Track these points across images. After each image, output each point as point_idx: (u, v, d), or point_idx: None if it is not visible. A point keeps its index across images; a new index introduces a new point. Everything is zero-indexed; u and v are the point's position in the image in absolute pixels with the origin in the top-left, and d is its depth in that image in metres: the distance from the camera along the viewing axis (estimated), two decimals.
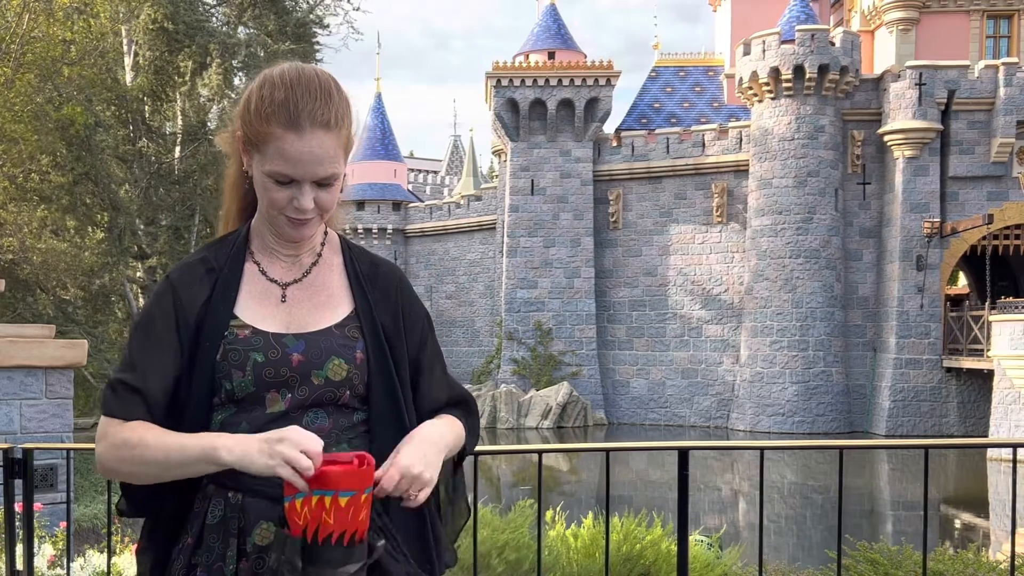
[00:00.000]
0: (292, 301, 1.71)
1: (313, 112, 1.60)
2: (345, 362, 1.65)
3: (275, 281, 1.72)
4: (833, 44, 29.96)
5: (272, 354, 1.64)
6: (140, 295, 21.04)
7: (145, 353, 1.66)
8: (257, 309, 1.70)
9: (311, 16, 22.20)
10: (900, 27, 32.31)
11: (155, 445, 1.58)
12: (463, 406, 1.83)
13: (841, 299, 30.48)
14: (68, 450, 4.67)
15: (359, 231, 41.45)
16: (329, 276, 1.74)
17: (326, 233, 1.78)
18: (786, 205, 30.19)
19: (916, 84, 29.29)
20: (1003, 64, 29.42)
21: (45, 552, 5.47)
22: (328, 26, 22.30)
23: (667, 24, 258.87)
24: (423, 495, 1.60)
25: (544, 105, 33.82)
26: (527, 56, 35.75)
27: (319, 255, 1.75)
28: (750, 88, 31.06)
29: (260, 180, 1.65)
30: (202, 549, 1.65)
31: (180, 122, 21.18)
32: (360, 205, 41.27)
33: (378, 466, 1.60)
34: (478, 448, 3.26)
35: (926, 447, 3.47)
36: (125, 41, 21.01)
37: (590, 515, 6.30)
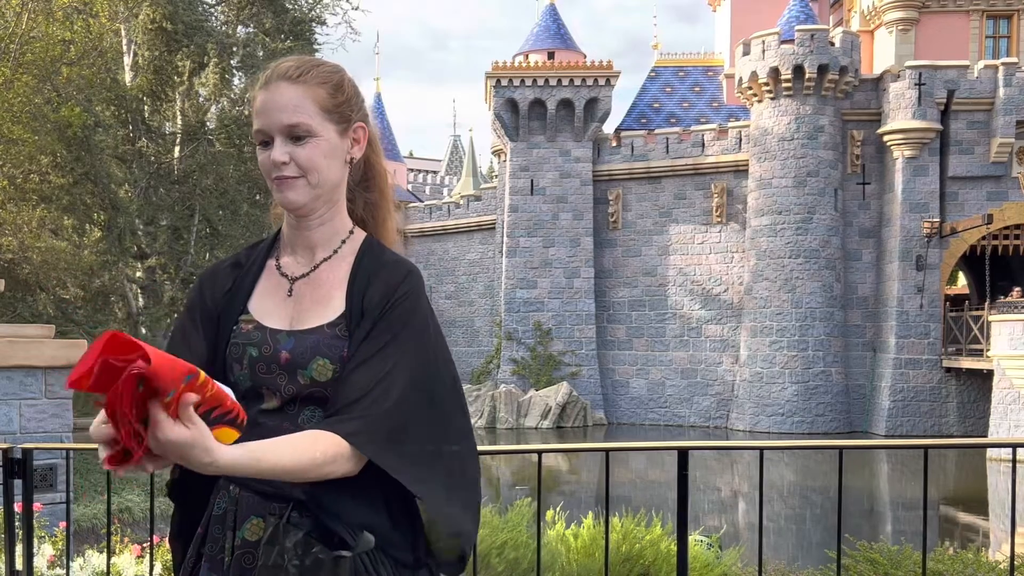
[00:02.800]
0: (297, 295, 1.71)
1: (279, 68, 1.68)
2: (331, 362, 1.63)
3: (286, 276, 1.74)
4: (832, 44, 29.97)
5: (265, 350, 1.66)
6: (140, 295, 21.06)
7: (171, 346, 1.72)
8: (266, 304, 1.72)
9: (309, 14, 22.24)
10: (899, 27, 32.32)
11: None
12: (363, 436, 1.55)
13: (841, 299, 30.49)
14: (68, 450, 4.67)
15: None
16: (334, 273, 1.72)
17: (351, 232, 1.76)
18: (785, 205, 30.20)
19: (915, 84, 29.30)
20: (1002, 64, 29.42)
21: (45, 552, 5.47)
22: (325, 22, 22.34)
23: (667, 24, 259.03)
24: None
25: (544, 105, 33.83)
26: (527, 56, 35.76)
27: (335, 251, 1.74)
28: (749, 88, 31.07)
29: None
30: (208, 540, 1.69)
31: (180, 122, 21.19)
32: None
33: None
34: (478, 448, 3.25)
35: (925, 447, 3.47)
36: (124, 41, 21.01)
37: (590, 515, 6.30)
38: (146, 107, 20.95)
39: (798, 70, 29.89)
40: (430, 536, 1.68)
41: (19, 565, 4.11)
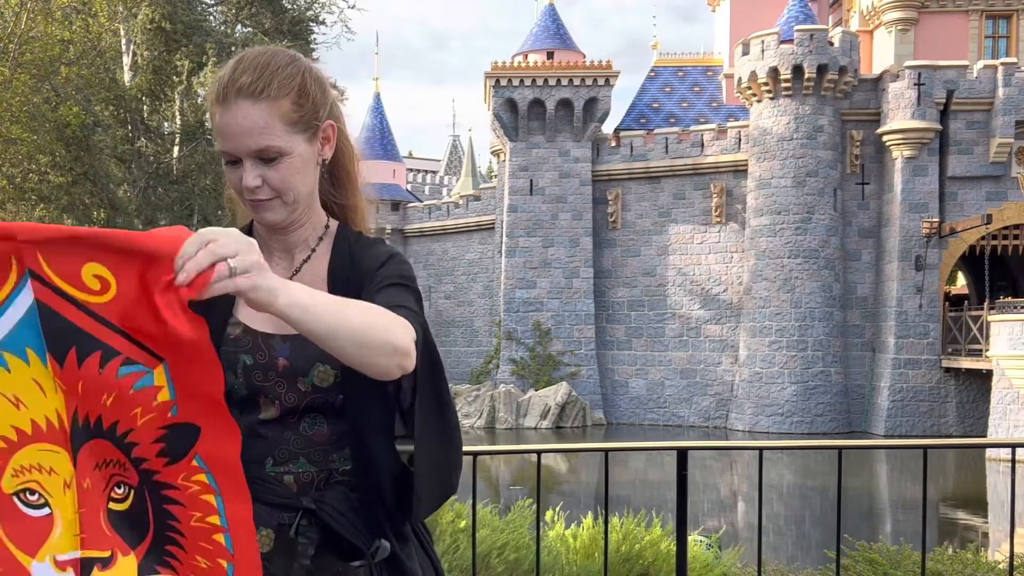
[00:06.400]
0: None
1: (238, 83, 1.54)
2: (331, 367, 1.57)
3: None
4: (832, 44, 29.97)
5: (260, 357, 1.59)
6: None
7: None
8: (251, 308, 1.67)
9: (307, 13, 22.25)
10: (899, 27, 32.33)
11: None
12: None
13: (840, 299, 30.49)
14: None
15: None
16: (315, 272, 1.66)
17: (327, 227, 1.70)
18: (785, 205, 30.20)
19: (915, 84, 29.30)
20: (1002, 64, 29.43)
21: None
22: (324, 22, 22.36)
23: (666, 24, 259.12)
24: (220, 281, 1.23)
25: (543, 105, 33.82)
26: (526, 56, 35.74)
27: (313, 250, 1.68)
28: (749, 88, 31.06)
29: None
30: None
31: (178, 122, 21.20)
32: None
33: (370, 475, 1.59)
34: (477, 448, 3.25)
35: (925, 447, 3.46)
36: (123, 41, 21.01)
37: (589, 515, 6.29)
38: (145, 107, 20.96)
39: (797, 70, 29.88)
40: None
41: None
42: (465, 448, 3.06)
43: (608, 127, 34.85)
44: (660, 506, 8.11)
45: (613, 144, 34.12)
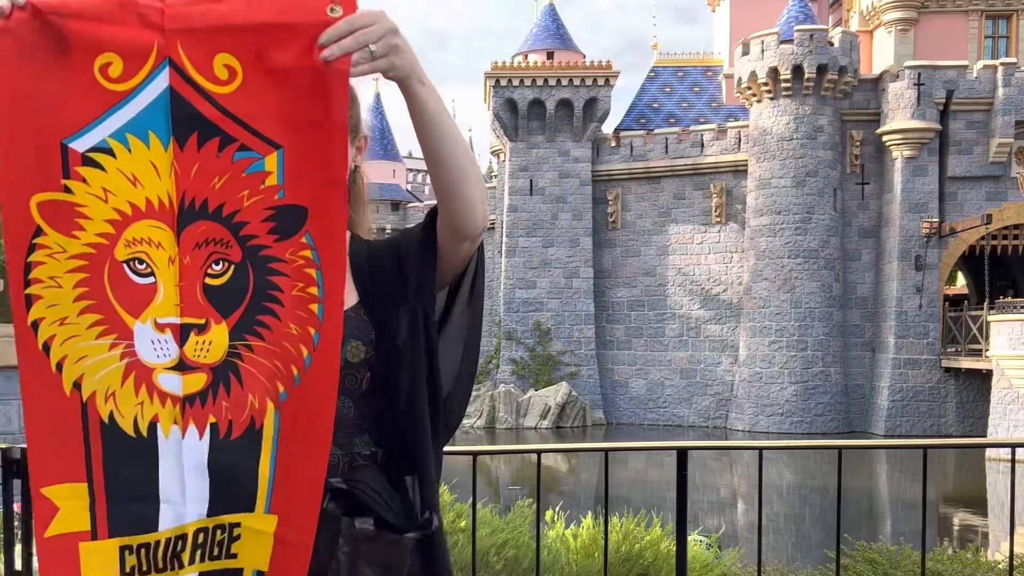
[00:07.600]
0: None
1: None
2: (363, 344, 1.64)
3: None
4: (832, 44, 29.98)
5: None
6: None
7: None
8: None
9: None
10: (899, 27, 32.33)
11: None
12: None
13: (840, 299, 30.49)
14: None
15: None
16: None
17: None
18: (785, 205, 30.20)
19: (915, 84, 29.30)
20: (1001, 64, 29.44)
21: None
22: None
23: (666, 24, 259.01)
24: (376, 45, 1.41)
25: (543, 105, 33.82)
26: (526, 56, 35.74)
27: None
28: (749, 88, 31.07)
29: None
30: None
31: None
32: None
33: (402, 466, 1.64)
34: (477, 448, 3.26)
35: (925, 447, 3.47)
36: None
37: (589, 515, 6.29)
38: None
39: (797, 70, 29.89)
40: None
41: (19, 566, 4.12)
42: (465, 448, 3.08)
43: (608, 127, 34.86)
44: (660, 506, 8.11)
45: (613, 144, 34.12)
